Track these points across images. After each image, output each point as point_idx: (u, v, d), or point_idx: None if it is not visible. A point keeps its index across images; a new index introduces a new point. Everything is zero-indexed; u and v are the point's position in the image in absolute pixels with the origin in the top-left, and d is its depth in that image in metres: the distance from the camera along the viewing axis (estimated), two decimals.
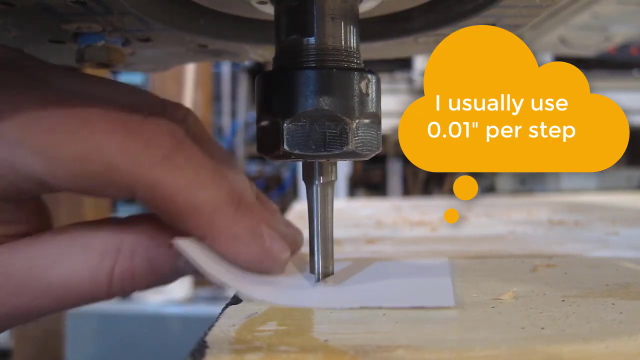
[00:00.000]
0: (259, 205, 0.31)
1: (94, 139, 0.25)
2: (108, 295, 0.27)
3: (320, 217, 0.30)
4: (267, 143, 0.29)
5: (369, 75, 0.29)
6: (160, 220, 0.27)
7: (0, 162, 0.24)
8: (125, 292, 0.27)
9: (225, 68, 2.79)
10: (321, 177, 0.30)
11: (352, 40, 0.29)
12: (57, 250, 0.26)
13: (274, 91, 0.28)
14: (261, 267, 0.28)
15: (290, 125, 0.28)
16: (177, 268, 0.28)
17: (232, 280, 0.27)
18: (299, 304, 0.27)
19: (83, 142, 0.25)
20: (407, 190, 2.19)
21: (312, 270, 0.30)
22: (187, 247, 0.26)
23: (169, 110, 0.30)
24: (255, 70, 2.59)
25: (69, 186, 0.26)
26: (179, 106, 0.31)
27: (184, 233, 0.27)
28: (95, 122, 0.25)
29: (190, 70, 1.67)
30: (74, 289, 0.26)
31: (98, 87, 0.29)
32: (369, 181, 2.36)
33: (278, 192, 2.70)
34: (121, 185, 0.25)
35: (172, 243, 0.26)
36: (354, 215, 0.78)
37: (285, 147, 0.28)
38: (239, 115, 2.83)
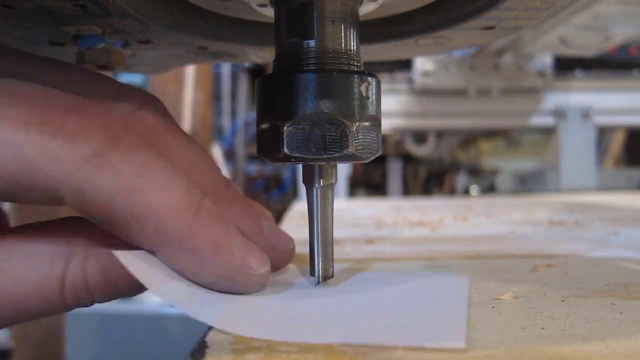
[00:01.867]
0: (239, 210, 0.28)
1: (3, 135, 0.21)
2: (61, 308, 0.24)
3: (320, 220, 0.30)
4: (267, 146, 0.29)
5: (369, 78, 0.29)
6: None
7: None
8: (81, 304, 0.24)
9: (225, 68, 2.79)
10: (321, 180, 0.29)
11: (352, 43, 0.29)
12: (1, 258, 0.23)
13: (274, 94, 0.28)
14: (229, 286, 0.24)
15: (290, 128, 0.27)
16: (137, 280, 0.23)
17: (185, 301, 0.23)
18: (265, 336, 0.22)
19: None
20: (407, 190, 2.19)
21: (312, 273, 0.30)
22: (133, 260, 0.22)
23: (122, 97, 0.27)
24: (256, 71, 2.59)
25: None
26: (134, 93, 0.27)
27: (134, 246, 0.23)
28: (8, 111, 0.21)
29: (190, 70, 1.66)
30: (21, 302, 0.23)
31: (26, 67, 0.25)
32: (369, 181, 2.36)
33: (278, 192, 2.70)
34: (44, 189, 0.21)
35: (116, 255, 0.22)
36: (354, 215, 0.78)
37: (285, 150, 0.27)
38: (239, 115, 2.83)
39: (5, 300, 0.23)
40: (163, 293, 0.23)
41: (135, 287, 0.24)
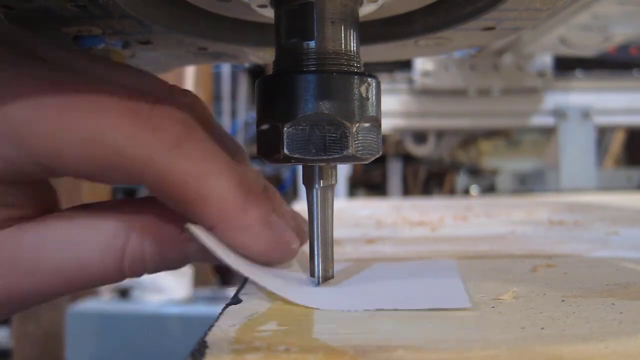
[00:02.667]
0: (267, 195, 0.30)
1: (102, 123, 0.24)
2: (118, 277, 0.27)
3: (320, 221, 0.30)
4: (267, 147, 0.29)
5: (369, 79, 0.29)
6: None
7: (4, 144, 0.24)
8: (134, 275, 0.27)
9: (225, 68, 2.79)
10: (321, 181, 0.30)
11: (352, 44, 0.29)
12: (66, 232, 0.26)
13: (274, 95, 0.28)
14: (271, 258, 0.28)
15: (290, 129, 0.28)
16: (186, 253, 0.27)
17: (245, 268, 0.27)
18: (311, 303, 0.27)
19: (91, 126, 0.24)
20: (407, 190, 2.19)
21: (312, 274, 0.30)
22: (199, 232, 0.26)
23: (176, 96, 0.30)
24: (256, 71, 2.59)
25: (76, 171, 0.25)
26: (186, 92, 0.31)
27: (192, 222, 0.26)
28: (104, 105, 0.25)
29: (190, 70, 1.67)
30: (84, 270, 0.26)
31: (106, 70, 0.29)
32: (369, 181, 2.37)
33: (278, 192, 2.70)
34: (129, 171, 0.25)
35: (185, 227, 0.26)
36: (354, 215, 0.78)
37: (286, 151, 0.28)
38: (239, 115, 2.83)
39: (71, 268, 0.26)
40: (225, 258, 0.26)
41: (181, 260, 0.28)
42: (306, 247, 0.31)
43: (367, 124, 0.28)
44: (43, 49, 0.27)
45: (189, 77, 1.70)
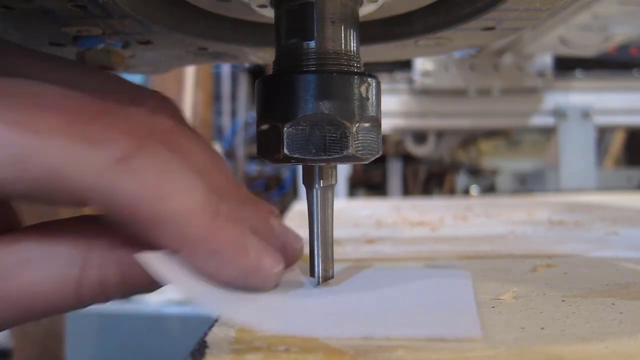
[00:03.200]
0: (250, 210, 0.28)
1: (29, 139, 0.21)
2: (76, 306, 0.24)
3: (320, 221, 0.30)
4: (267, 147, 0.29)
5: (369, 79, 0.29)
6: None
7: None
8: (96, 302, 0.24)
9: (225, 68, 2.79)
10: (321, 181, 0.29)
11: (352, 44, 0.29)
12: (19, 256, 0.23)
13: (274, 95, 0.28)
14: (248, 284, 0.25)
15: (290, 129, 0.27)
16: (155, 279, 0.24)
17: (210, 299, 0.24)
18: (289, 330, 0.23)
19: (16, 142, 0.21)
20: (407, 190, 2.19)
21: (312, 274, 0.30)
22: (155, 261, 0.23)
23: (138, 100, 0.27)
24: (256, 71, 2.59)
25: (7, 194, 0.22)
26: (152, 95, 0.28)
27: (155, 244, 0.23)
28: (31, 118, 0.21)
29: (190, 70, 1.67)
30: (38, 299, 0.23)
31: (48, 69, 0.26)
32: (369, 181, 2.36)
33: (278, 192, 2.70)
34: (70, 193, 0.22)
35: (134, 256, 0.23)
36: (354, 215, 0.78)
37: (286, 151, 0.27)
38: (239, 115, 2.83)
39: (21, 299, 0.23)
40: (187, 290, 0.23)
41: (151, 285, 0.24)
42: (305, 250, 0.30)
43: (367, 124, 0.28)
44: None
45: (189, 78, 1.70)
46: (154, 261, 0.23)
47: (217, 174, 0.27)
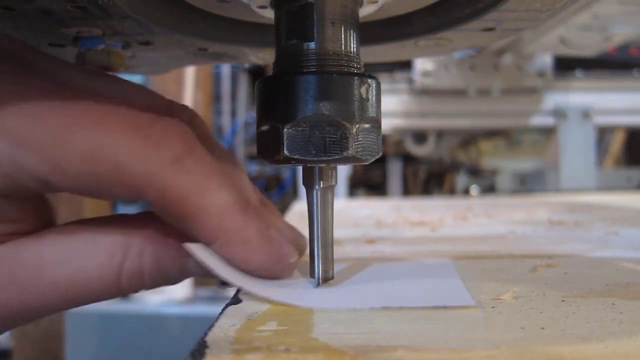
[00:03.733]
0: (266, 210, 0.31)
1: (103, 138, 0.24)
2: (116, 293, 0.27)
3: (320, 222, 0.30)
4: (267, 148, 0.29)
5: (369, 80, 0.29)
6: None
7: (2, 159, 0.24)
8: (133, 291, 0.27)
9: (225, 68, 2.79)
10: (321, 182, 0.30)
11: (352, 45, 0.29)
12: (64, 248, 0.26)
13: (274, 96, 0.28)
14: (271, 272, 0.28)
15: (290, 130, 0.28)
16: (185, 269, 0.27)
17: (245, 283, 0.27)
18: (315, 304, 0.27)
19: (91, 141, 0.24)
20: (407, 190, 2.19)
21: (312, 275, 0.30)
22: (197, 250, 0.26)
23: (175, 112, 0.30)
24: (256, 71, 2.59)
25: (75, 186, 0.25)
26: (185, 108, 0.31)
27: (191, 236, 0.27)
28: (104, 120, 0.25)
29: (190, 70, 1.66)
30: (82, 286, 0.26)
31: (106, 84, 0.29)
32: (369, 181, 2.36)
33: (278, 192, 2.70)
34: (129, 187, 0.25)
35: (182, 245, 0.26)
36: (354, 215, 0.78)
37: (286, 152, 0.28)
38: (239, 115, 2.83)
39: (69, 284, 0.26)
40: (226, 275, 0.27)
41: (180, 276, 0.28)
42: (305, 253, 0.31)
43: (367, 125, 0.28)
44: (43, 63, 0.27)
45: (189, 78, 1.70)
46: (199, 250, 0.26)
47: (239, 178, 0.31)
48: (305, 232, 0.31)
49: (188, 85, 1.69)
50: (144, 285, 0.27)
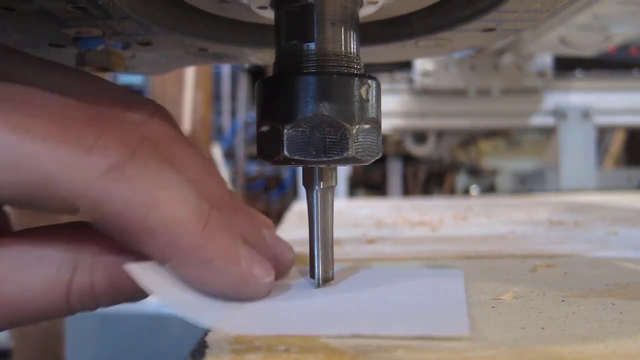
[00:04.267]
0: (242, 220, 0.28)
1: (25, 144, 0.21)
2: (66, 312, 0.24)
3: (320, 223, 0.30)
4: (267, 148, 0.29)
5: (369, 81, 0.28)
6: None
7: None
8: (87, 309, 0.24)
9: (225, 68, 2.79)
10: (321, 183, 0.29)
11: (352, 46, 0.29)
12: (9, 262, 0.23)
13: (274, 97, 0.28)
14: (238, 295, 0.25)
15: (290, 131, 0.27)
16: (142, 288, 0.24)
17: (198, 310, 0.23)
18: (282, 331, 0.23)
19: (10, 148, 0.21)
20: (407, 190, 2.19)
21: (312, 276, 0.30)
22: (143, 272, 0.23)
23: (132, 108, 0.27)
24: (256, 71, 2.59)
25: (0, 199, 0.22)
26: (145, 103, 0.27)
27: (143, 253, 0.23)
28: (26, 122, 0.21)
29: (190, 70, 1.66)
30: (26, 304, 0.23)
31: (41, 74, 0.26)
32: (369, 181, 2.36)
33: (278, 192, 2.70)
34: (59, 199, 0.22)
35: (125, 268, 0.23)
36: (354, 215, 0.78)
37: (286, 152, 0.27)
38: (239, 115, 2.83)
39: (11, 303, 0.23)
40: (173, 302, 0.23)
41: (140, 294, 0.24)
42: (305, 250, 0.31)
43: (367, 126, 0.28)
44: None
45: (189, 78, 1.70)
46: (141, 271, 0.23)
47: (210, 183, 0.27)
48: (305, 232, 0.31)
49: (188, 85, 1.69)
50: (97, 303, 0.24)
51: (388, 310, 0.26)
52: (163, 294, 0.23)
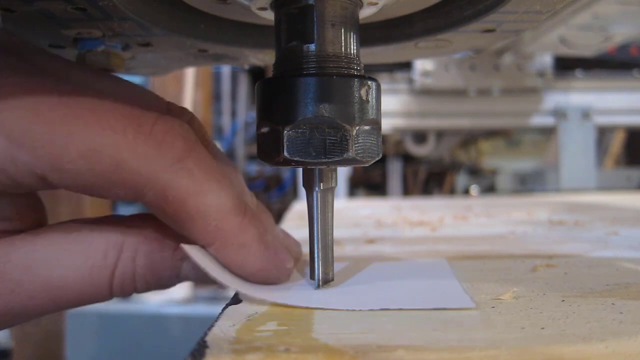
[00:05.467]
0: (263, 216, 0.30)
1: (104, 136, 0.24)
2: (107, 297, 0.26)
3: (320, 224, 0.30)
4: (267, 150, 0.29)
5: (369, 82, 0.29)
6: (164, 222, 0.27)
7: (0, 152, 0.23)
8: (125, 294, 0.27)
9: (225, 68, 2.79)
10: (321, 184, 0.30)
11: (352, 47, 0.29)
12: (56, 248, 0.25)
13: (274, 98, 0.28)
14: (267, 277, 0.28)
15: (290, 132, 0.28)
16: (179, 273, 0.27)
17: (242, 287, 0.27)
18: (309, 304, 0.27)
19: (92, 138, 0.24)
20: (407, 190, 2.19)
21: (312, 277, 0.30)
22: (194, 252, 0.26)
23: (175, 113, 0.30)
24: (256, 70, 2.59)
25: (73, 184, 0.24)
26: (184, 110, 0.31)
27: (188, 239, 0.26)
28: (105, 117, 0.24)
29: (190, 70, 1.67)
30: (73, 288, 0.25)
31: (106, 83, 0.29)
32: (369, 181, 2.36)
33: (278, 192, 2.70)
34: (130, 185, 0.24)
35: (180, 247, 0.26)
36: (354, 215, 0.78)
37: (286, 154, 0.28)
38: (239, 115, 2.83)
39: (60, 286, 0.25)
40: (219, 277, 0.26)
41: (172, 280, 0.27)
42: (305, 250, 0.31)
43: (367, 127, 0.28)
44: (43, 59, 0.27)
45: (189, 78, 1.70)
46: (195, 251, 0.26)
47: (237, 182, 0.30)
48: (305, 232, 0.31)
49: (188, 85, 1.69)
50: (136, 288, 0.27)
51: (398, 293, 0.29)
52: (211, 270, 0.26)
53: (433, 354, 0.20)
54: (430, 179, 2.26)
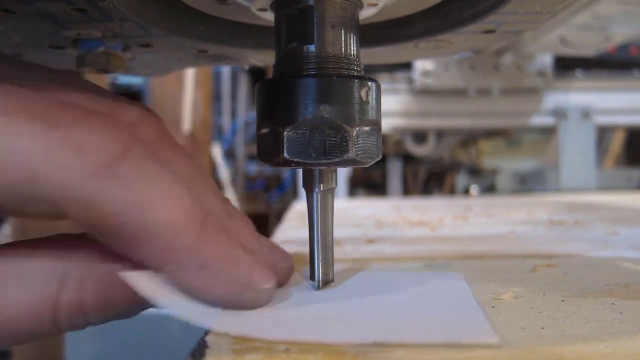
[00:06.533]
0: (237, 225, 0.26)
1: (10, 140, 0.20)
2: (54, 331, 0.22)
3: (320, 225, 0.30)
4: (267, 151, 0.29)
5: (369, 83, 0.28)
6: None
7: None
8: (75, 328, 0.23)
9: (225, 68, 2.79)
10: (321, 185, 0.29)
11: (352, 48, 0.29)
12: None
13: (274, 99, 0.28)
14: (239, 302, 0.23)
15: (290, 133, 0.27)
16: (139, 299, 0.22)
17: (201, 315, 0.22)
18: (301, 336, 0.22)
19: None
20: (407, 190, 2.19)
21: (312, 278, 0.30)
22: (141, 280, 0.22)
23: (120, 109, 0.25)
24: (256, 71, 2.59)
25: None
26: (134, 105, 0.26)
27: (137, 262, 0.22)
28: (13, 118, 0.20)
29: (190, 70, 1.67)
30: (10, 323, 0.21)
31: (28, 74, 0.24)
32: (369, 181, 2.36)
33: (278, 192, 2.70)
34: (47, 201, 0.20)
35: (119, 276, 0.22)
36: (354, 215, 0.78)
37: (286, 154, 0.27)
38: (239, 115, 2.83)
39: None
40: (172, 306, 0.22)
41: (133, 308, 0.23)
42: (305, 250, 0.30)
43: (367, 128, 0.28)
44: None
45: (189, 78, 1.70)
46: (139, 279, 0.22)
47: (201, 186, 0.26)
48: (305, 232, 0.31)
49: (188, 85, 1.69)
50: (87, 320, 0.23)
51: (401, 315, 0.25)
52: (162, 300, 0.22)
53: (433, 354, 0.20)
54: (430, 178, 2.26)
